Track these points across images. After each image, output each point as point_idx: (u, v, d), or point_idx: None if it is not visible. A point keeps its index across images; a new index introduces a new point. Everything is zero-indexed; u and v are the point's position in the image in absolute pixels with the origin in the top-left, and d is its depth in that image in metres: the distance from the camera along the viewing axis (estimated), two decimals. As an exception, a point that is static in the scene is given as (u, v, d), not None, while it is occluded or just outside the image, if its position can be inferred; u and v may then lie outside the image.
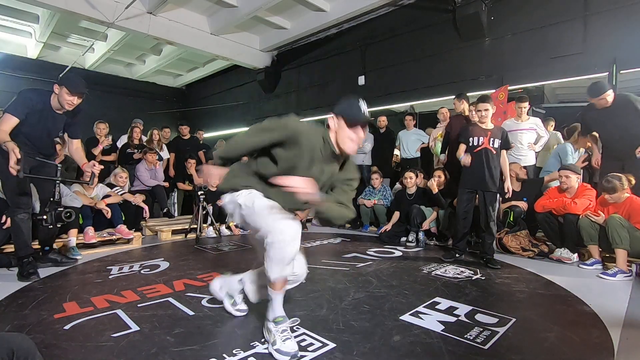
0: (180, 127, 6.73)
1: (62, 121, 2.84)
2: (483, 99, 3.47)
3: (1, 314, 2.11)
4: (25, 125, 2.64)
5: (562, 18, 4.91)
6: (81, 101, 2.79)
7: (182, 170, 5.88)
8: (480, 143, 3.39)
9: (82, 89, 2.72)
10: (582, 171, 4.04)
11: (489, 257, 3.34)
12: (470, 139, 3.43)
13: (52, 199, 2.72)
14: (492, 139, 3.38)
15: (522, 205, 4.07)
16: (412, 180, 4.54)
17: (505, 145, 3.46)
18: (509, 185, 3.54)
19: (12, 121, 2.54)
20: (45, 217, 2.67)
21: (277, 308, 1.70)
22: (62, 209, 2.73)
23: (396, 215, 4.60)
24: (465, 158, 3.41)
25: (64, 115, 2.83)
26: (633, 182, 3.20)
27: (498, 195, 3.53)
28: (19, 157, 2.36)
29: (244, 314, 2.08)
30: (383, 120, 6.07)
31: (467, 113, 4.52)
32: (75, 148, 3.01)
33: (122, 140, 5.83)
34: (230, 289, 2.09)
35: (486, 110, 3.40)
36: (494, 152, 3.38)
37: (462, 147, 3.51)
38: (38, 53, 8.81)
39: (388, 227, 4.53)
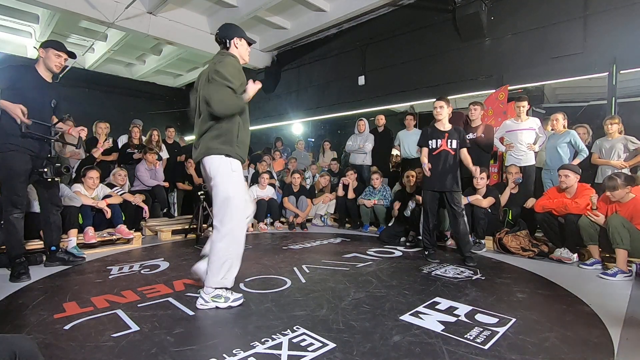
0: None
1: (54, 89, 2.90)
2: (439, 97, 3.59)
3: (1, 314, 2.11)
4: (26, 100, 2.63)
5: (562, 18, 4.91)
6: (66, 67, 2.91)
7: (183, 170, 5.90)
8: (438, 145, 3.47)
9: (66, 48, 2.87)
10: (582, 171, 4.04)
11: (466, 255, 3.40)
12: (430, 142, 3.52)
13: (49, 156, 2.81)
14: (449, 140, 3.45)
15: (512, 181, 4.21)
16: (412, 179, 4.54)
17: (463, 144, 3.52)
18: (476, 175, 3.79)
19: None
20: (45, 169, 2.76)
21: None
22: (59, 164, 2.85)
23: (397, 204, 4.62)
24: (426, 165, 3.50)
25: (54, 84, 2.92)
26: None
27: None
28: (22, 109, 2.52)
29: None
30: (381, 119, 6.07)
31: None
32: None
33: (122, 140, 5.83)
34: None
35: (441, 107, 3.48)
36: (452, 152, 3.46)
37: (425, 151, 3.57)
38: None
39: (396, 206, 4.54)
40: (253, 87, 2.29)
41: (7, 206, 2.72)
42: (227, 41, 2.35)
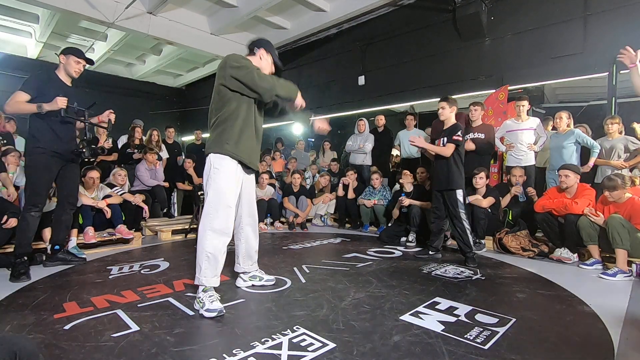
0: (196, 132, 6.83)
1: (74, 93, 3.01)
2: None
3: (1, 314, 2.11)
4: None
5: (562, 18, 4.91)
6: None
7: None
8: (436, 144, 3.52)
9: (85, 56, 3.05)
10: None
11: (467, 255, 3.36)
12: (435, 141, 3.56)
13: (85, 138, 2.95)
14: (443, 139, 3.44)
15: (517, 190, 4.13)
16: (409, 177, 4.56)
17: (449, 140, 3.38)
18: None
19: (23, 96, 2.73)
20: (84, 150, 2.91)
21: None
22: (95, 145, 2.98)
23: (395, 213, 4.61)
24: None
25: (73, 88, 3.05)
26: (637, 182, 3.18)
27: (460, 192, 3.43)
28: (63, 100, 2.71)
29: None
30: (381, 119, 6.07)
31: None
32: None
33: (122, 140, 5.83)
34: None
35: (442, 108, 3.49)
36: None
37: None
38: (38, 53, 8.81)
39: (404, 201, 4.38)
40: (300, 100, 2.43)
41: (27, 204, 2.84)
42: (255, 48, 2.39)
